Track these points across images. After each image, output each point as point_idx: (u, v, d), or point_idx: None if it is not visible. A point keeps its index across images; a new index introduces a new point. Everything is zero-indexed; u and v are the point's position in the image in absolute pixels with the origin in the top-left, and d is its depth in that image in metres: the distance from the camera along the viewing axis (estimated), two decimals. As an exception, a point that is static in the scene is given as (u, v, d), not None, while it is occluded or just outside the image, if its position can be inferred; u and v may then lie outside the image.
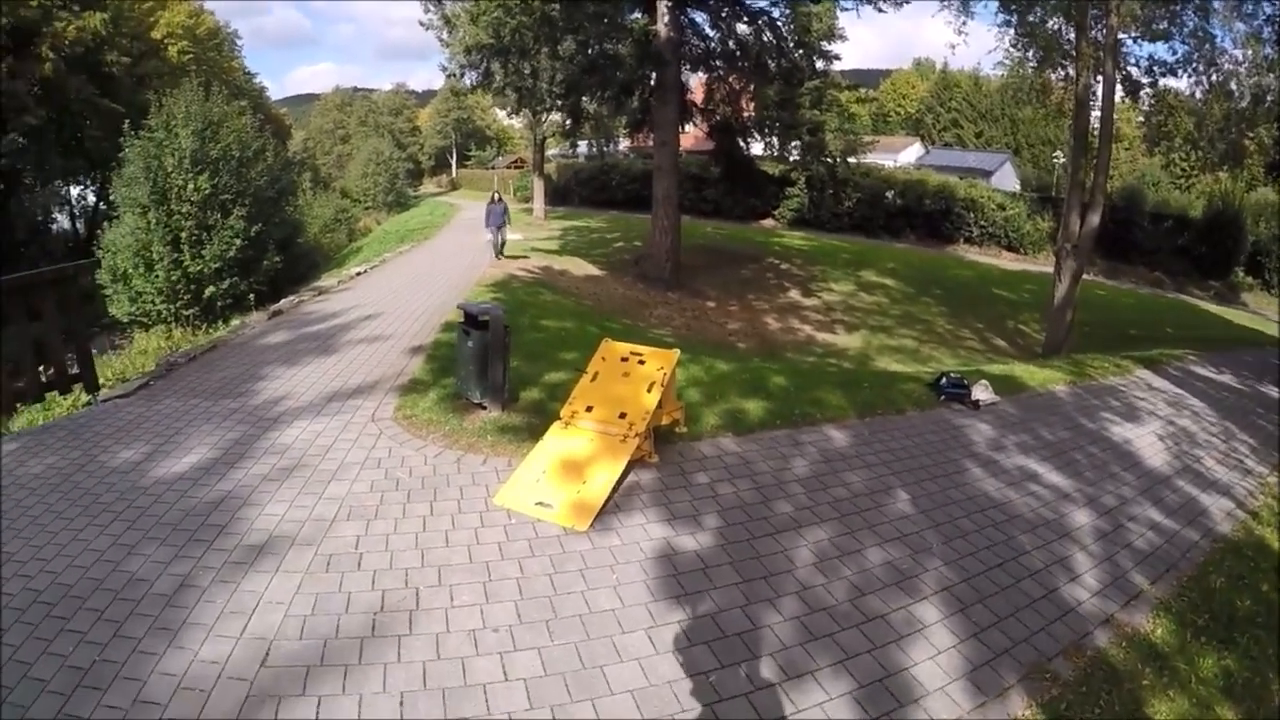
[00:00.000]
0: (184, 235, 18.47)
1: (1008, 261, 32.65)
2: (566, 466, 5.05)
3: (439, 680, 3.27)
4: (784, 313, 20.11)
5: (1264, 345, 19.59)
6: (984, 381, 8.74)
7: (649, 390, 5.45)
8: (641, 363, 5.74)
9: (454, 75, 20.29)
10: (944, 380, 8.60)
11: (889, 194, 35.35)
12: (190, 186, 18.56)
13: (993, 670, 3.78)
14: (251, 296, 18.61)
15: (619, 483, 5.07)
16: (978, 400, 8.31)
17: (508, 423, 6.23)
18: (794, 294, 21.92)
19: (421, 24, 20.02)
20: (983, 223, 34.35)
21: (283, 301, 13.61)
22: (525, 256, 21.02)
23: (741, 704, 3.35)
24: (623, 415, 5.33)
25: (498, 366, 6.31)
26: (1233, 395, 11.67)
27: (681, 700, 3.33)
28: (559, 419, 5.55)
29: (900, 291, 22.83)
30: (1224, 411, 10.28)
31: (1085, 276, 16.79)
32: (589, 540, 4.55)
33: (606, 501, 4.85)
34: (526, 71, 19.34)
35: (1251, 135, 28.95)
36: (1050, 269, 19.42)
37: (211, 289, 18.57)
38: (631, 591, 4.06)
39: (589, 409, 5.46)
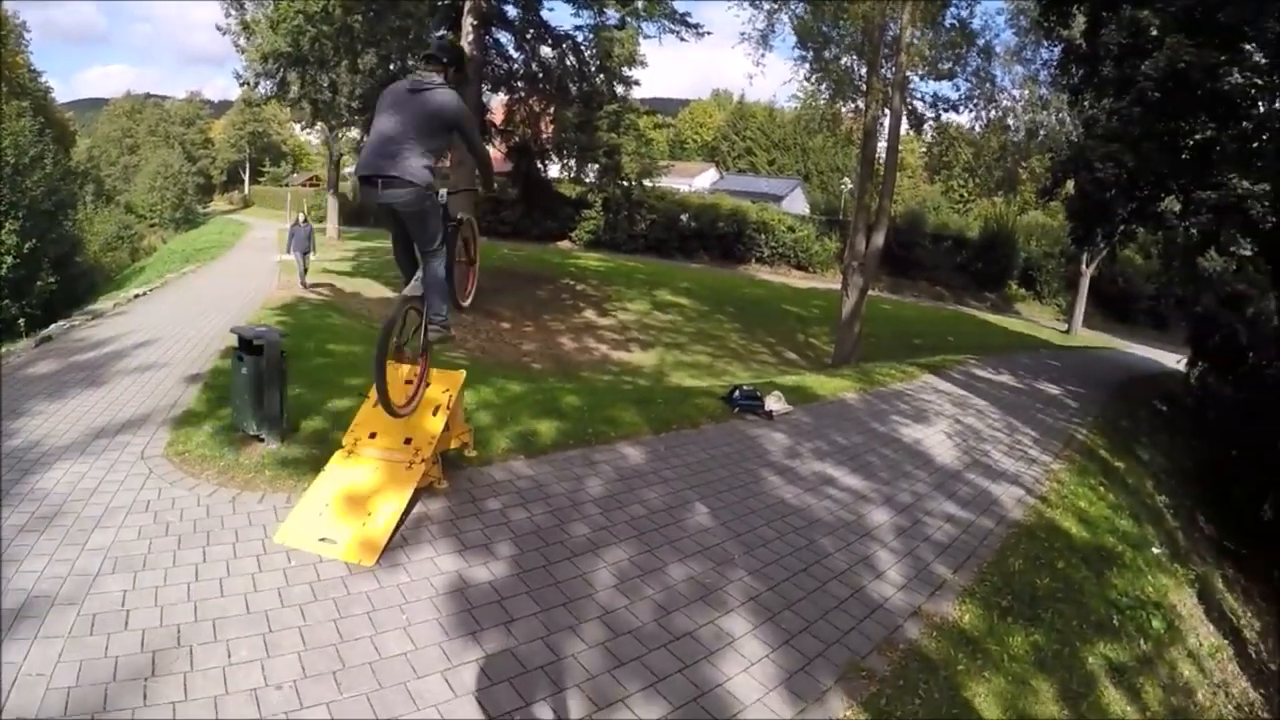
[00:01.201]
0: (-55, 252, 16.28)
1: (797, 280, 35.79)
2: (350, 499, 4.78)
3: (220, 750, 2.93)
4: (579, 333, 20.78)
5: (1038, 348, 22.51)
6: (777, 392, 9.17)
7: (434, 414, 5.25)
8: (426, 384, 5.46)
9: (248, 84, 19.94)
10: (737, 393, 8.92)
11: (684, 217, 38.11)
12: (-45, 197, 16.45)
13: (809, 675, 3.80)
14: (21, 322, 16.71)
15: (406, 513, 4.84)
16: (771, 411, 8.68)
17: (287, 455, 5.88)
18: (589, 314, 22.69)
19: (219, 28, 19.97)
20: (774, 243, 37.75)
21: (52, 327, 12.76)
22: (324, 286, 20.19)
23: (548, 745, 3.13)
24: (408, 441, 5.11)
25: (274, 394, 5.96)
26: (1012, 393, 13.15)
27: (485, 747, 3.07)
28: (342, 448, 5.19)
29: (694, 310, 24.15)
30: (1006, 408, 11.53)
31: (871, 292, 18.53)
32: (375, 579, 4.26)
33: (393, 534, 4.61)
34: (324, 84, 19.32)
35: (1025, 165, 34.14)
36: (838, 286, 21.26)
37: (-23, 313, 16.30)
38: (424, 632, 3.83)
39: (372, 435, 5.19)
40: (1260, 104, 11.50)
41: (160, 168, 57.20)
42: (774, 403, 8.85)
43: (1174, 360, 23.39)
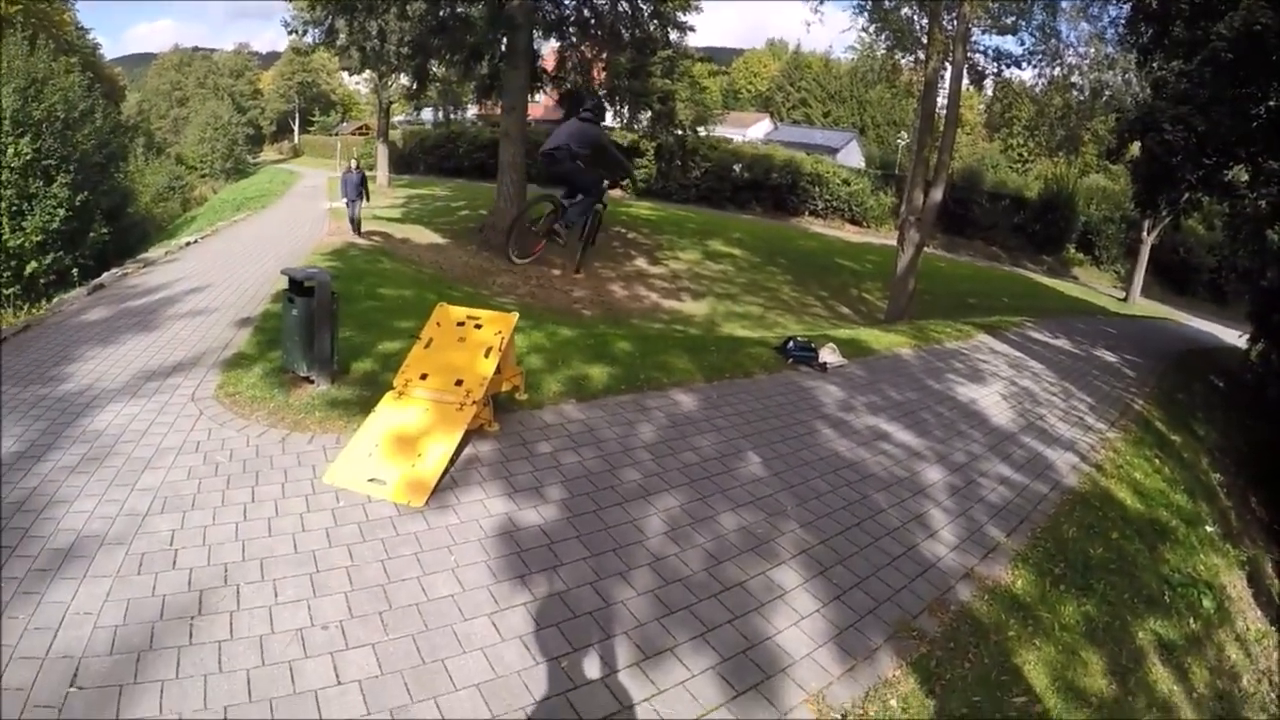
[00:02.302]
0: (2, 206, 16.49)
1: (851, 234, 34.97)
2: (400, 440, 4.77)
3: (265, 689, 2.99)
4: (630, 281, 20.54)
5: (1094, 314, 21.83)
6: (831, 345, 8.98)
7: (486, 356, 5.22)
8: (478, 327, 5.47)
9: (296, 32, 19.71)
10: (791, 344, 8.75)
11: (737, 167, 37.15)
12: (10, 151, 16.65)
13: (859, 632, 3.72)
14: (76, 272, 16.92)
15: (456, 455, 4.82)
16: (825, 363, 8.52)
17: (337, 396, 5.88)
18: (640, 262, 22.39)
19: None
20: (828, 196, 36.79)
21: (105, 275, 12.89)
22: (377, 234, 20.43)
23: (598, 690, 3.12)
24: (459, 383, 5.09)
25: (325, 336, 5.94)
26: (1068, 358, 12.75)
27: (533, 690, 3.08)
28: (392, 389, 5.21)
29: (746, 261, 23.70)
30: (1062, 373, 11.18)
31: (926, 249, 17.99)
32: (424, 520, 4.23)
33: (443, 476, 4.59)
34: (373, 30, 18.84)
35: (1088, 125, 32.77)
36: (892, 242, 20.77)
37: (34, 265, 16.62)
38: (472, 574, 3.80)
39: (423, 377, 5.20)
40: None
41: (210, 119, 56.84)
42: (828, 355, 8.68)
43: (1233, 335, 22.60)
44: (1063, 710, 3.60)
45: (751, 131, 55.28)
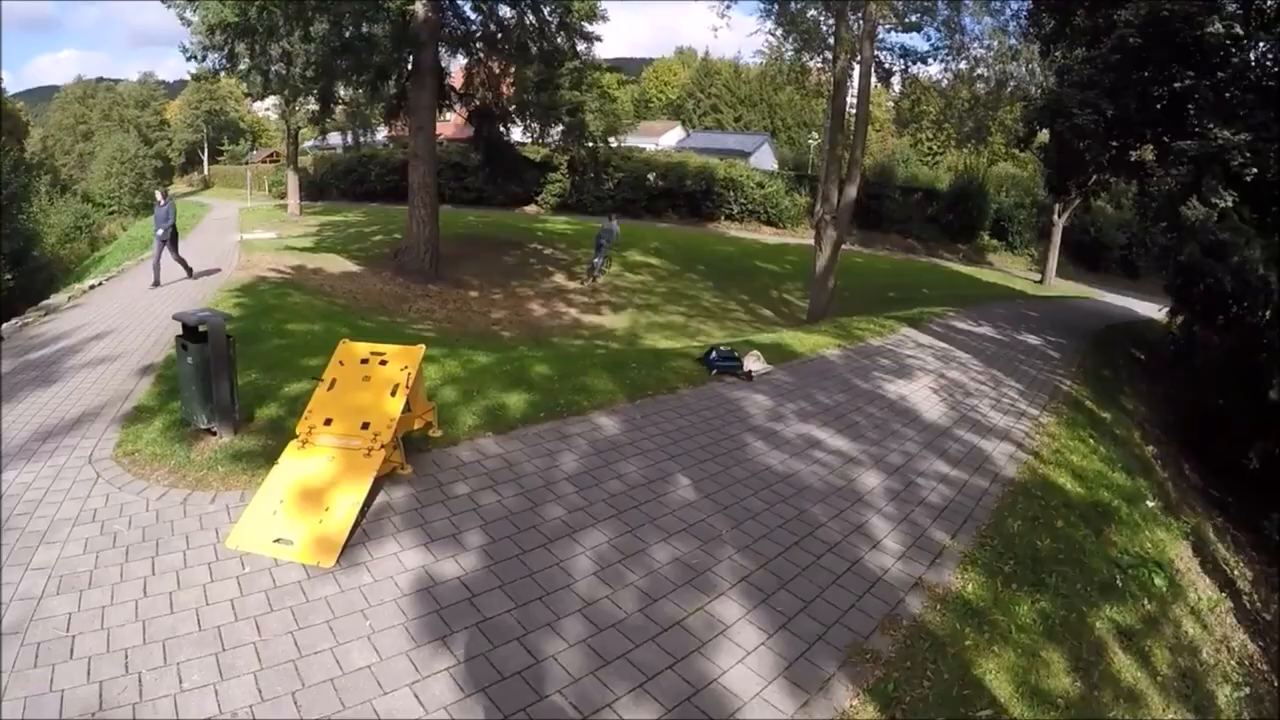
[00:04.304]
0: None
1: (768, 236, 35.53)
2: (306, 494, 4.50)
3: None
4: (549, 297, 20.47)
5: (1014, 298, 22.46)
6: (755, 352, 8.87)
7: (393, 394, 4.95)
8: (383, 363, 5.16)
9: (196, 58, 18.93)
10: (714, 354, 8.62)
11: (651, 176, 37.42)
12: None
13: (810, 662, 3.53)
14: None
15: (367, 505, 4.56)
16: (750, 371, 8.41)
17: (241, 448, 5.57)
18: (559, 278, 22.35)
19: (162, 0, 18.47)
20: (743, 200, 37.33)
21: (4, 326, 12.39)
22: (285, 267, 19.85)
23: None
24: (365, 426, 4.82)
25: (223, 384, 5.66)
26: (994, 345, 12.97)
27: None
28: (295, 438, 4.90)
29: (665, 269, 23.82)
30: (989, 361, 11.34)
31: (843, 246, 18.18)
32: (335, 582, 3.95)
33: (353, 530, 4.33)
34: (276, 54, 18.50)
35: (995, 116, 34.14)
36: (809, 241, 21.05)
37: (-70, 318, 15.52)
38: (389, 640, 3.53)
39: (328, 422, 4.90)
40: (1237, 55, 11.35)
41: (116, 153, 55.46)
42: (753, 362, 8.57)
43: (1147, 308, 23.68)
44: (1030, 717, 3.49)
45: (664, 140, 55.89)
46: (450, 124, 31.26)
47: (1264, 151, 9.85)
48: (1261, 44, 11.40)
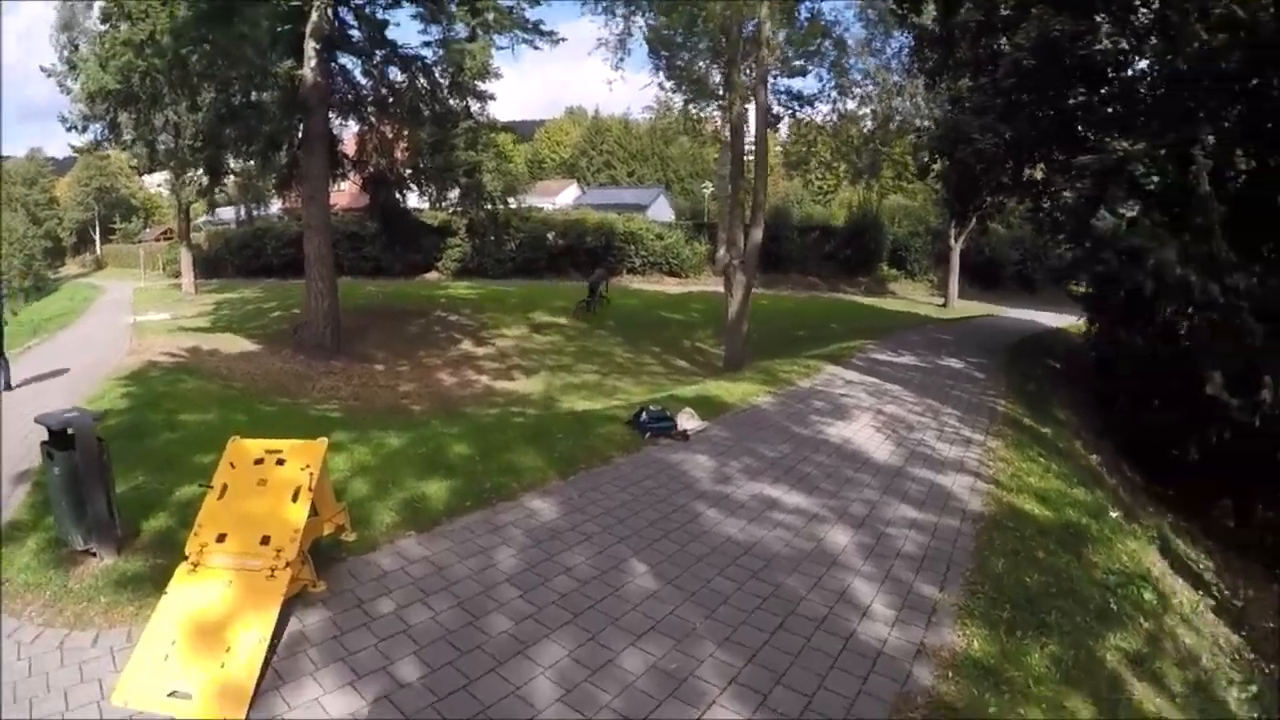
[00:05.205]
0: None
1: (672, 286, 35.81)
2: (203, 631, 3.76)
3: None
4: (458, 365, 19.97)
5: (923, 324, 22.87)
6: (688, 409, 8.47)
7: (295, 499, 4.23)
8: (281, 463, 4.43)
9: (75, 128, 18.60)
10: (644, 415, 8.14)
11: (550, 235, 37.50)
12: None
13: (826, 777, 3.00)
14: None
15: (276, 639, 3.82)
16: (685, 430, 7.97)
17: (125, 571, 4.72)
18: (466, 345, 21.90)
19: (43, 69, 18.40)
20: (644, 253, 37.64)
21: None
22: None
23: None
24: (266, 540, 4.09)
25: (98, 495, 4.80)
26: (919, 374, 12.95)
27: None
28: (185, 559, 4.12)
29: (574, 328, 23.56)
30: (920, 390, 11.24)
31: (749, 289, 18.22)
32: None
33: (263, 673, 3.60)
34: (160, 123, 18.41)
35: (885, 152, 35.72)
36: (713, 288, 21.13)
37: None
38: None
39: (221, 538, 4.15)
40: (1128, 68, 11.95)
41: (4, 233, 53.99)
42: (687, 421, 8.15)
43: (1049, 319, 24.55)
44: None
45: (560, 198, 56.35)
46: (345, 193, 30.40)
47: (1161, 160, 10.18)
48: (1142, 60, 12.01)
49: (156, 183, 50.24)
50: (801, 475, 6.78)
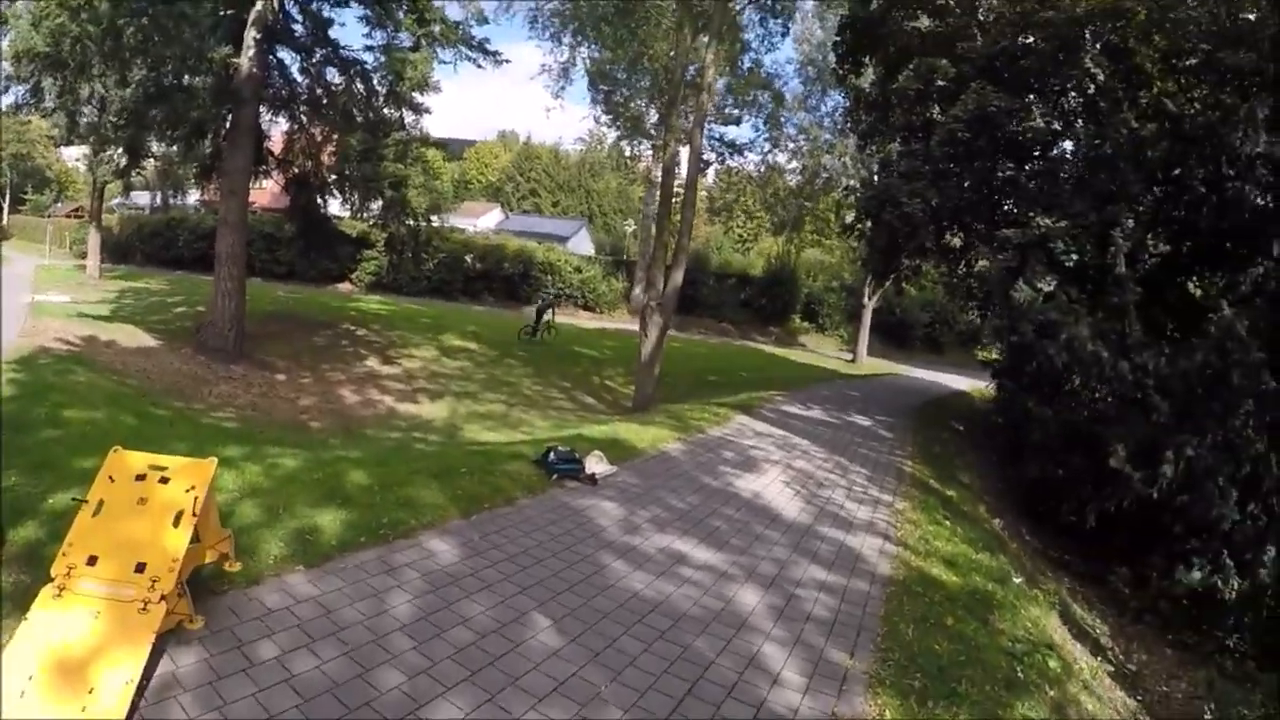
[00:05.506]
0: None
1: (586, 320, 35.77)
2: (65, 667, 3.33)
3: None
4: (362, 383, 19.46)
5: (832, 379, 23.27)
6: (597, 452, 8.27)
7: (176, 524, 3.79)
8: (164, 481, 3.94)
9: None
10: (552, 455, 7.88)
11: (469, 258, 37.21)
12: None
13: None
14: None
15: (145, 680, 3.39)
16: (594, 474, 7.75)
17: None
18: (372, 362, 21.34)
19: None
20: (560, 284, 37.26)
21: None
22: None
23: None
24: (141, 568, 3.64)
25: None
26: (828, 429, 13.07)
27: None
28: (50, 581, 3.62)
29: (484, 355, 23.17)
30: (829, 446, 11.32)
31: (662, 331, 18.30)
32: None
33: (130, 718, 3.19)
34: (84, 94, 17.95)
35: (809, 204, 36.71)
36: (627, 326, 21.14)
37: None
38: None
39: (92, 561, 3.67)
40: (1052, 148, 12.55)
41: None
42: (596, 464, 7.92)
43: (954, 380, 25.37)
44: None
45: (483, 221, 56.18)
46: (266, 192, 29.72)
47: (1081, 238, 10.64)
48: (1068, 142, 12.67)
49: (75, 157, 49.23)
50: (711, 529, 6.64)
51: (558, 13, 18.42)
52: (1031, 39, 12.96)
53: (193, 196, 38.43)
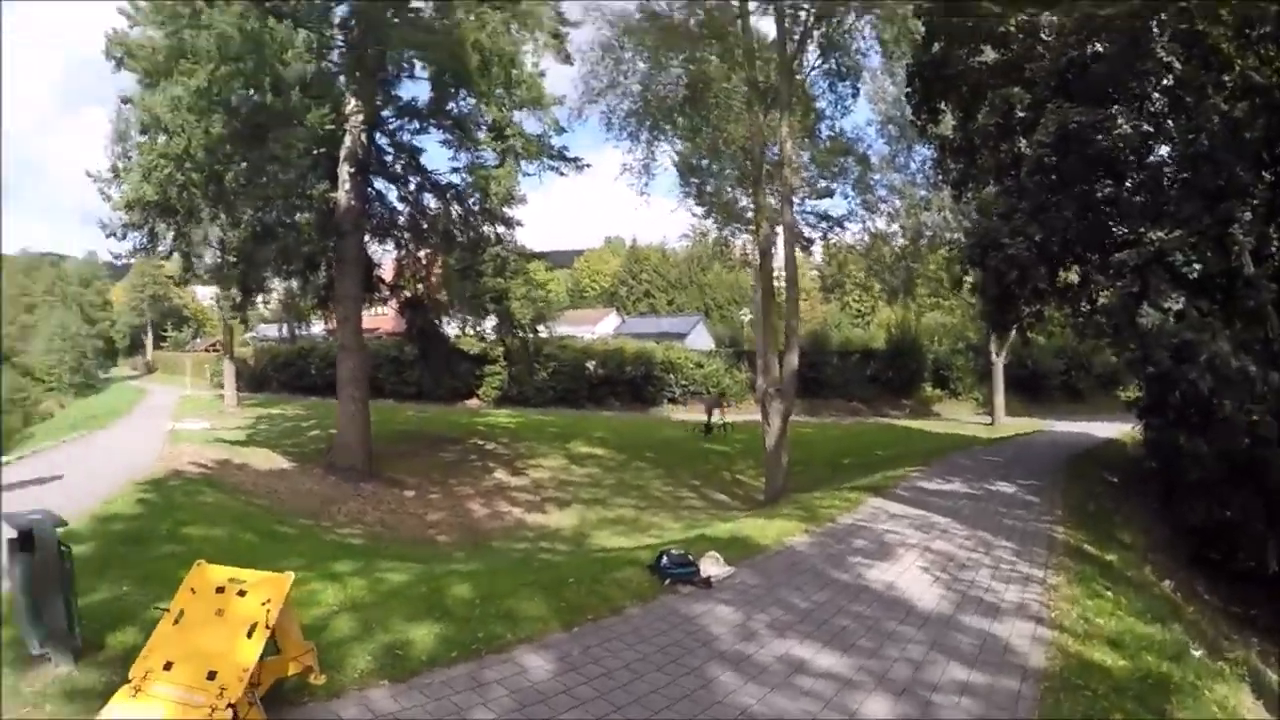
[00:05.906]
0: None
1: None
2: None
3: None
4: (490, 496, 19.58)
5: (971, 445, 21.84)
6: (713, 552, 7.76)
7: (249, 636, 3.85)
8: (241, 594, 4.04)
9: (115, 235, 19.03)
10: (665, 559, 7.44)
11: (590, 364, 37.43)
12: None
13: None
14: None
15: None
16: (709, 577, 7.26)
17: (78, 683, 4.45)
18: (500, 474, 21.53)
19: (89, 174, 18.79)
20: (683, 382, 37.22)
21: None
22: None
23: None
24: (212, 675, 3.69)
25: (56, 602, 4.70)
26: (969, 501, 12.06)
27: None
28: (128, 683, 3.76)
29: (612, 459, 22.99)
30: (970, 521, 10.37)
31: (790, 417, 17.62)
32: None
33: None
34: (197, 237, 18.98)
35: (917, 269, 35.79)
36: (756, 417, 20.59)
37: None
38: None
39: (168, 666, 3.79)
40: (1150, 154, 11.67)
41: (57, 329, 57.50)
42: (711, 566, 7.43)
43: (1100, 428, 23.49)
44: None
45: (600, 327, 57.46)
46: (389, 317, 31.16)
47: (1199, 245, 9.70)
48: (1163, 147, 11.75)
49: (209, 295, 54.26)
50: (836, 630, 6.01)
51: (632, 112, 18.83)
52: (1098, 45, 12.31)
53: (318, 326, 41.31)
